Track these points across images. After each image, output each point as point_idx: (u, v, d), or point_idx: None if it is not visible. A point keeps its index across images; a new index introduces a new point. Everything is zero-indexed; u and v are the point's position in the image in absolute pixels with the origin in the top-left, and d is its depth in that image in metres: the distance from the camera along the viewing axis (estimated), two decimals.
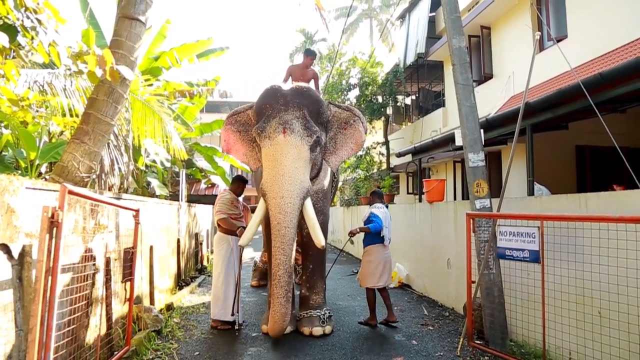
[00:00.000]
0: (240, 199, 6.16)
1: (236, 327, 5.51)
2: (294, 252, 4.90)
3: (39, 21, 2.97)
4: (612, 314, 3.65)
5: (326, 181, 5.97)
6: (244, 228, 5.45)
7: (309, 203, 5.09)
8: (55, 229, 2.70)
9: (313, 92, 5.53)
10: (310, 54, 7.46)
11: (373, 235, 5.69)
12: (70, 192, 2.90)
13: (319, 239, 5.03)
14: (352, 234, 5.70)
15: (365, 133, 5.67)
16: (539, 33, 5.34)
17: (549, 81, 8.08)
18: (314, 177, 5.58)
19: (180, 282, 8.14)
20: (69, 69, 4.10)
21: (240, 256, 5.69)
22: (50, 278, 2.66)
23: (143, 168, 9.80)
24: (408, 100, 17.15)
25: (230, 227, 5.61)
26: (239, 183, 6.14)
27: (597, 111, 4.23)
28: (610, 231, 3.58)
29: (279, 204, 4.80)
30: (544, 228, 4.10)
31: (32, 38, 3.12)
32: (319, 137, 5.24)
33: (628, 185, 4.75)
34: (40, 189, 3.10)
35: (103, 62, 3.23)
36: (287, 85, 5.62)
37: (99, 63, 3.19)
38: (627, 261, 3.43)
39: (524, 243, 4.36)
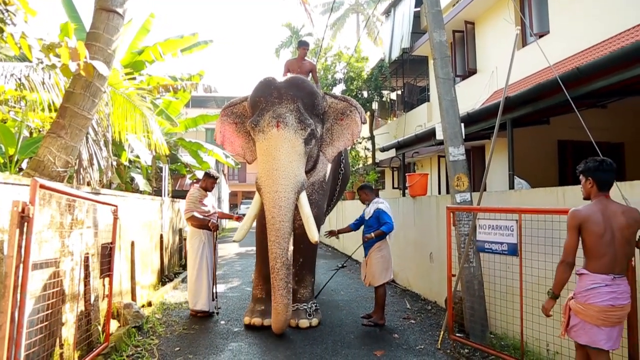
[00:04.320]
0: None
1: (215, 312, 5.93)
2: (290, 246, 4.94)
3: (8, 12, 2.91)
4: None
5: (323, 173, 5.91)
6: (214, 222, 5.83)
7: (303, 197, 5.12)
8: (26, 224, 2.65)
9: (307, 84, 5.46)
10: (302, 45, 7.34)
11: None
12: (42, 187, 2.85)
13: (312, 234, 5.04)
14: (366, 239, 5.42)
15: (363, 122, 5.58)
16: (519, 28, 5.37)
17: (532, 76, 8.14)
18: (310, 170, 5.56)
19: (164, 277, 8.07)
20: (41, 62, 4.02)
21: (215, 248, 5.94)
22: (21, 274, 2.62)
23: (127, 163, 9.69)
24: (393, 95, 17.17)
25: (201, 222, 5.78)
26: (207, 179, 6.02)
27: (573, 105, 4.27)
28: None
29: (274, 198, 4.84)
30: (522, 221, 4.14)
31: (2, 30, 3.05)
32: (314, 129, 5.21)
33: None
34: (12, 184, 3.04)
35: (76, 56, 3.17)
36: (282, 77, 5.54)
37: (72, 56, 3.13)
38: None
39: (502, 236, 4.39)
